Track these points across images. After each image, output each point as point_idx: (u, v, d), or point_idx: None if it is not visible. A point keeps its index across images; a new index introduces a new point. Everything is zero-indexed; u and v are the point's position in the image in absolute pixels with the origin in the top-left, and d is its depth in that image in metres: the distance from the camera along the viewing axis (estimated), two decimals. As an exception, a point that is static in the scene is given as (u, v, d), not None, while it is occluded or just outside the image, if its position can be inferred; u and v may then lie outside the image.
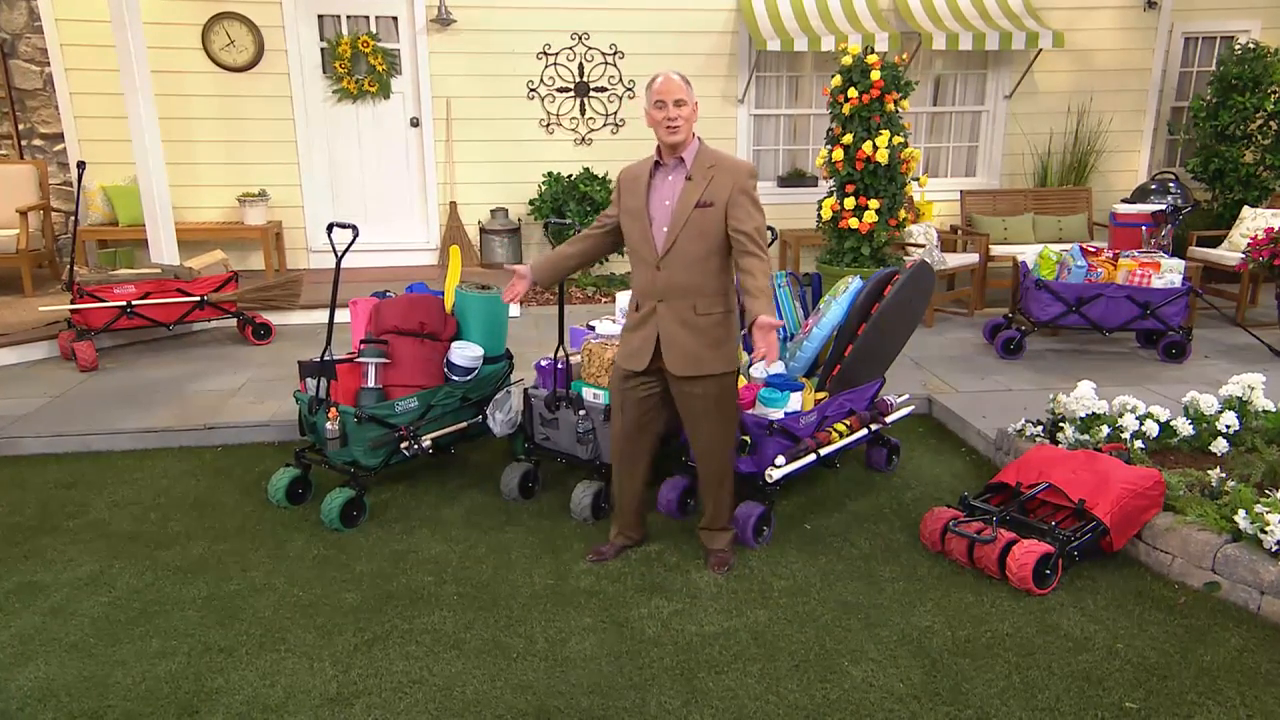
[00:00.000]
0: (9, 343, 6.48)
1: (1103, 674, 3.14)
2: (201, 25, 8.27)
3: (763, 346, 3.21)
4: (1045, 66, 9.20)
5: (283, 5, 8.32)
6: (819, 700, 2.99)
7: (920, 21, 8.54)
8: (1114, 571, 3.78)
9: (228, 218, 8.56)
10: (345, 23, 8.51)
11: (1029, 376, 6.10)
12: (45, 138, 9.03)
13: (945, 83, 9.48)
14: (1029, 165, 9.50)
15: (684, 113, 3.42)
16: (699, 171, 3.47)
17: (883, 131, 6.64)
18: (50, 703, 2.99)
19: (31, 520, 4.31)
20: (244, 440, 5.19)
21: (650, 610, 3.50)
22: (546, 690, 3.03)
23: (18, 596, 3.64)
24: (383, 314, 4.35)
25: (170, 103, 8.13)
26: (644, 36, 8.75)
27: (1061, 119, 9.40)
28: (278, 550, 3.98)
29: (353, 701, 2.98)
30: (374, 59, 8.48)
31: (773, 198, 9.27)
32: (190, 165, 8.39)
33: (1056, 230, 8.61)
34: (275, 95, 8.46)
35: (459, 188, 8.89)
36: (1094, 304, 6.26)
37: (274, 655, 3.23)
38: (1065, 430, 4.55)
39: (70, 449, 5.12)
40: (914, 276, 4.38)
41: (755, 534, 3.99)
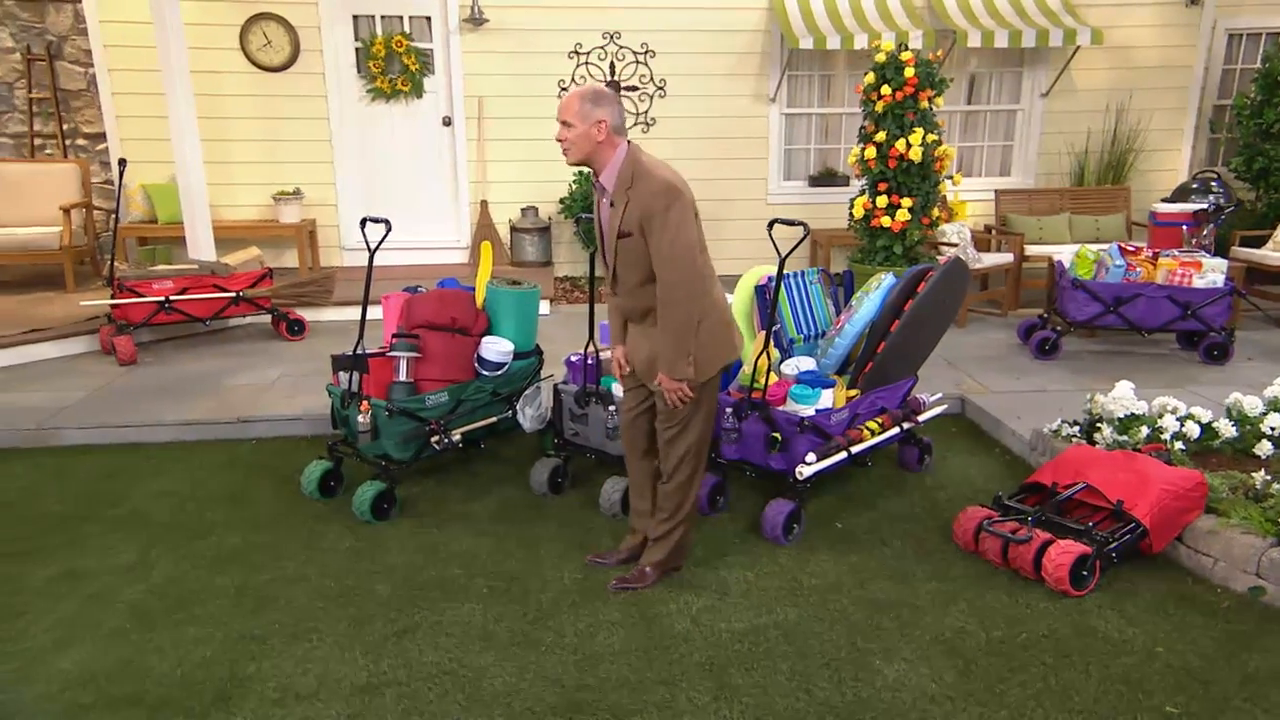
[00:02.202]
0: (52, 337, 6.58)
1: (1142, 677, 3.07)
2: (240, 26, 8.35)
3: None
4: (1083, 64, 9.06)
5: (319, 6, 8.39)
6: (850, 699, 2.96)
7: (955, 19, 8.45)
8: (1153, 574, 3.70)
9: (263, 215, 8.64)
10: (379, 23, 8.56)
11: (1065, 377, 6.00)
12: (88, 137, 9.18)
13: (980, 81, 9.36)
14: (1066, 165, 9.36)
15: (570, 136, 3.18)
16: (619, 195, 3.24)
17: (916, 129, 6.57)
18: (90, 686, 3.03)
19: (74, 509, 4.37)
20: (278, 434, 5.23)
21: (679, 606, 3.47)
22: (575, 684, 3.02)
23: (60, 583, 3.69)
24: (414, 309, 4.37)
25: (208, 102, 8.22)
26: (676, 35, 8.72)
27: (1099, 117, 9.24)
28: (310, 541, 4.00)
29: (383, 691, 2.98)
30: (407, 59, 8.52)
31: (803, 197, 9.23)
32: (227, 164, 8.48)
33: (1094, 230, 8.48)
34: (310, 95, 8.53)
35: (490, 186, 8.92)
36: (1133, 304, 6.15)
37: (306, 644, 3.25)
38: (1103, 431, 4.47)
39: (110, 440, 5.19)
40: (948, 273, 4.32)
41: (785, 532, 3.95)
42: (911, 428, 4.58)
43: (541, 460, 4.46)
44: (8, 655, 3.20)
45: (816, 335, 4.68)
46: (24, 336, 6.49)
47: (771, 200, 9.19)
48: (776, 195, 9.22)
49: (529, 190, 8.89)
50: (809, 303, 4.71)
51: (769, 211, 8.96)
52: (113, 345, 6.36)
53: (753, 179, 9.15)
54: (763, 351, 4.08)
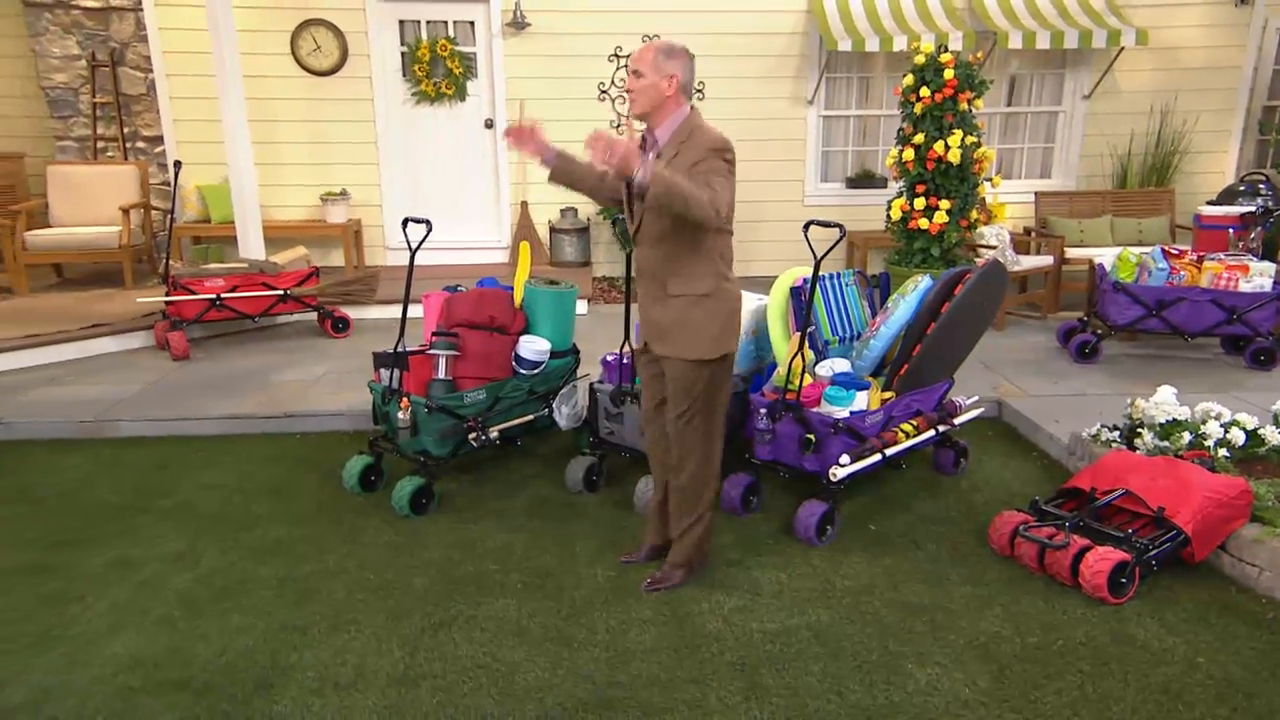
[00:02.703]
0: (110, 332, 6.70)
1: (1182, 688, 2.98)
2: (290, 32, 8.45)
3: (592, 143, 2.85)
4: (1127, 65, 8.85)
5: (366, 11, 8.46)
6: (882, 702, 2.90)
7: (996, 20, 8.29)
8: (1195, 583, 3.59)
9: (311, 216, 8.74)
10: (425, 28, 8.61)
11: (1104, 381, 5.86)
12: (147, 140, 9.35)
13: (1021, 83, 9.18)
14: (1108, 166, 9.14)
15: (639, 85, 3.16)
16: (669, 148, 3.19)
17: (955, 131, 6.46)
18: (139, 671, 3.07)
19: (127, 499, 4.44)
20: (322, 428, 5.28)
21: (711, 605, 3.44)
22: (606, 681, 3.00)
23: (113, 570, 3.75)
24: (454, 308, 4.38)
25: (260, 106, 8.33)
26: (714, 38, 8.65)
27: (1144, 119, 9.02)
28: (351, 535, 4.02)
29: (419, 683, 2.99)
30: (451, 62, 8.57)
31: (841, 199, 9.13)
32: (277, 165, 8.58)
33: (1136, 233, 8.28)
34: (357, 98, 8.60)
35: (530, 187, 8.92)
36: (1176, 308, 5.98)
37: (345, 635, 3.26)
38: (1144, 436, 4.35)
39: (163, 432, 5.27)
40: (985, 276, 4.24)
41: (819, 533, 3.90)
42: (947, 430, 4.50)
43: (577, 458, 4.45)
44: (63, 639, 3.26)
45: (852, 337, 4.62)
46: (84, 331, 6.62)
47: (809, 202, 9.10)
48: (814, 197, 9.13)
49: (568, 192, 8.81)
50: (844, 304, 4.64)
51: (806, 213, 8.84)
52: (167, 341, 6.46)
53: (790, 180, 9.07)
54: (797, 353, 4.04)
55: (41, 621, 3.37)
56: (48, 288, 8.09)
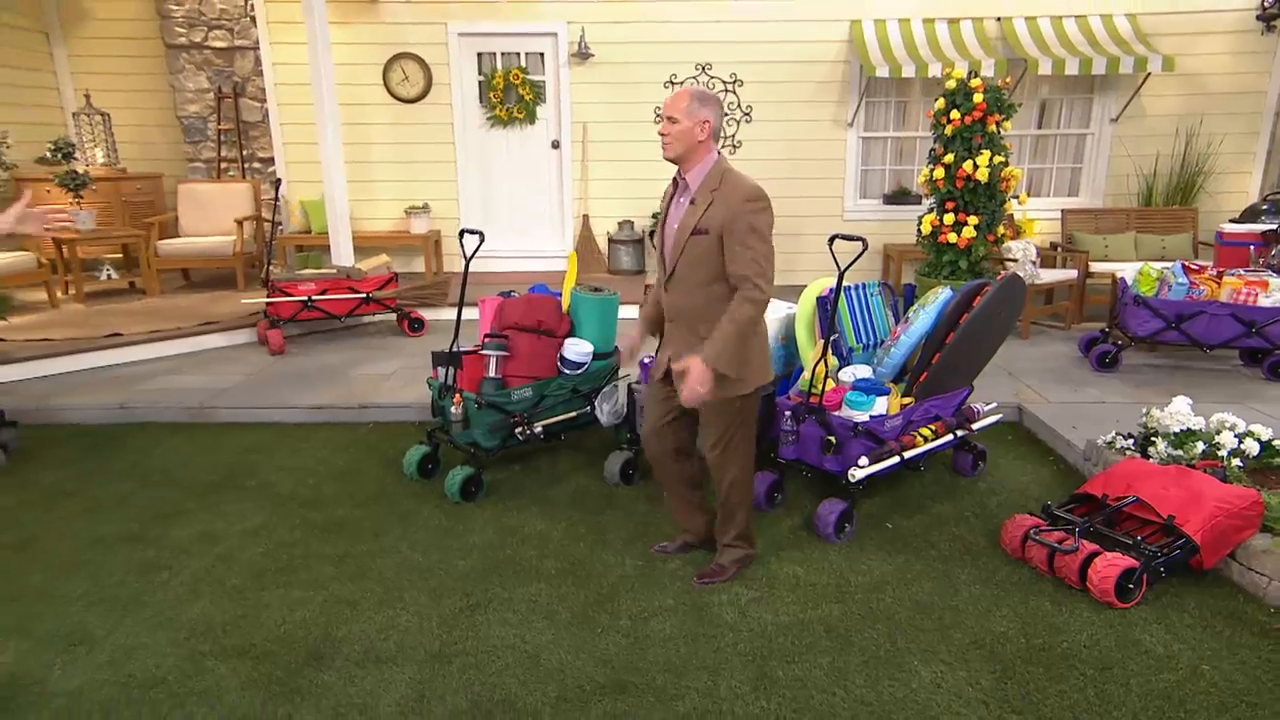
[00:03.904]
0: (220, 329, 6.79)
1: (1185, 695, 2.72)
2: (382, 64, 8.49)
3: (681, 387, 2.91)
4: (1154, 90, 8.37)
5: (449, 45, 8.45)
6: (885, 697, 2.71)
7: (1027, 48, 7.90)
8: (1203, 590, 3.30)
9: (397, 227, 8.77)
10: (500, 59, 8.57)
11: (1123, 390, 5.51)
12: (261, 161, 9.53)
13: (1051, 107, 8.75)
14: (1134, 186, 8.66)
15: (674, 130, 2.93)
16: (702, 195, 2.96)
17: (984, 151, 6.16)
18: (209, 636, 3.05)
19: (218, 478, 4.46)
20: (391, 419, 5.24)
21: (730, 597, 3.28)
22: (625, 665, 2.86)
23: (197, 542, 3.75)
24: (505, 312, 4.28)
25: (355, 130, 8.40)
26: (762, 66, 8.45)
27: (1169, 141, 8.52)
28: (406, 518, 3.96)
29: (451, 660, 2.90)
30: (523, 90, 8.51)
31: (878, 214, 8.82)
32: (368, 182, 8.64)
33: (1160, 249, 7.82)
34: (439, 122, 8.60)
35: (591, 202, 8.83)
36: (1195, 321, 5.60)
37: (390, 611, 3.19)
38: (1157, 445, 4.04)
39: (256, 419, 5.30)
40: (1004, 289, 3.98)
41: (837, 530, 3.70)
42: (965, 435, 4.25)
43: (615, 453, 4.32)
44: (149, 604, 3.26)
45: (875, 345, 4.40)
46: (199, 328, 6.72)
47: (848, 217, 8.82)
48: (852, 212, 8.85)
49: (625, 206, 8.77)
50: (869, 313, 4.42)
51: (844, 227, 8.62)
52: (266, 337, 6.52)
53: (830, 197, 8.80)
54: (820, 359, 3.85)
55: (133, 587, 3.38)
56: (176, 289, 8.28)
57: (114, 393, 5.53)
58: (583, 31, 8.36)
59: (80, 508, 4.09)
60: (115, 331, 6.43)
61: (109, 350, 6.25)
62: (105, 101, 9.13)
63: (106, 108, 9.00)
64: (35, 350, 6.02)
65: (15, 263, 7.26)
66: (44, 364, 5.97)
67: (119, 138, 9.30)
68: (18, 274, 7.24)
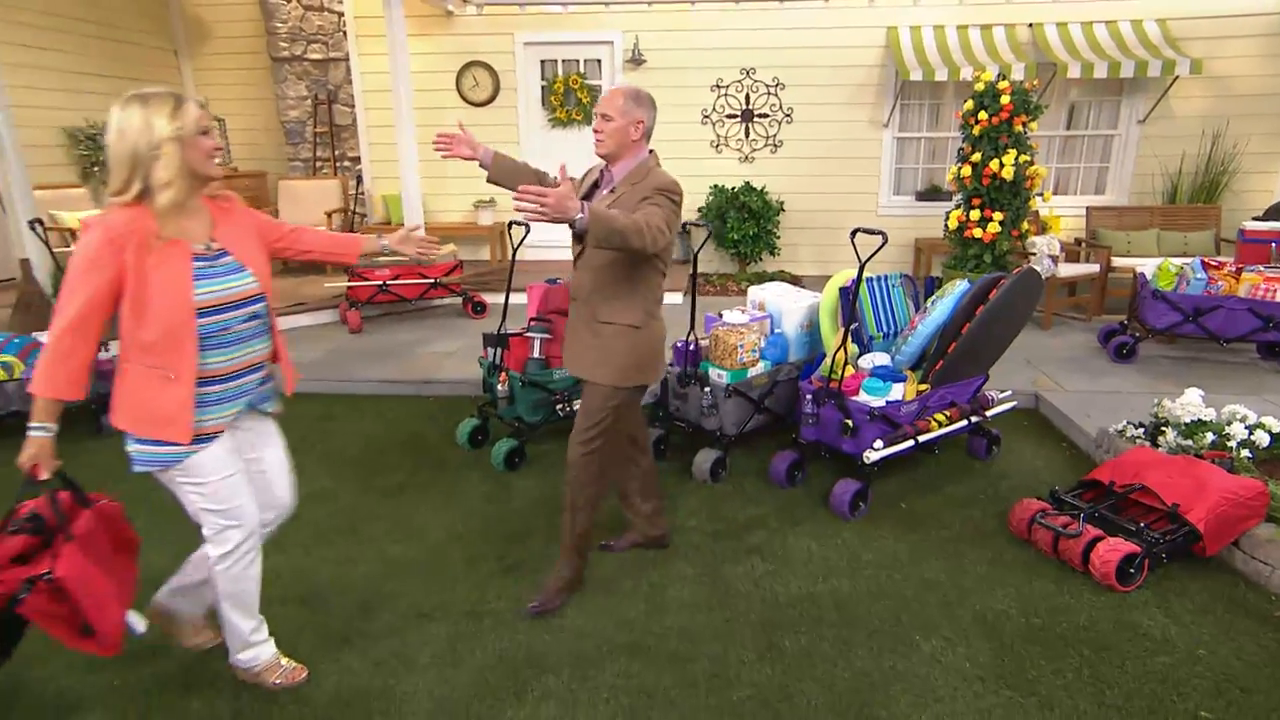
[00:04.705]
0: (308, 309, 6.89)
1: (1180, 678, 2.53)
2: (456, 72, 8.48)
3: (521, 199, 2.24)
4: (1182, 93, 7.84)
5: (515, 54, 8.38)
6: (885, 669, 2.58)
7: (1057, 52, 7.47)
8: (1205, 576, 3.08)
9: (466, 219, 8.77)
10: (561, 65, 8.47)
11: (1139, 380, 5.19)
12: (351, 160, 9.61)
13: (1079, 109, 8.27)
14: (1159, 185, 8.15)
15: (607, 128, 2.67)
16: (623, 186, 2.70)
17: (1010, 150, 5.84)
18: (275, 585, 3.03)
19: (294, 444, 4.43)
20: (449, 393, 5.23)
21: (746, 569, 3.17)
22: (643, 629, 2.79)
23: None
24: (550, 298, 4.22)
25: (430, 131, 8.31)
26: (802, 70, 8.18)
27: (1195, 142, 7.98)
28: (455, 485, 3.94)
29: (483, 618, 2.86)
30: (581, 93, 8.40)
31: (910, 210, 8.49)
32: (442, 178, 8.65)
33: (1182, 245, 7.35)
34: (505, 124, 8.55)
35: (643, 198, 8.69)
36: (1212, 315, 5.23)
37: (433, 572, 3.17)
38: (1167, 434, 3.78)
39: (333, 390, 5.34)
40: (1019, 283, 3.75)
41: (851, 508, 3.56)
42: (979, 422, 4.04)
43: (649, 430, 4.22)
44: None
45: (895, 334, 4.21)
46: (290, 308, 6.83)
47: (881, 213, 8.51)
48: (886, 208, 8.54)
49: (674, 201, 8.60)
50: (890, 303, 4.23)
51: (878, 222, 8.33)
52: (346, 317, 6.59)
53: (865, 193, 8.50)
54: (840, 346, 3.69)
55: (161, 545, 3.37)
56: (276, 274, 8.40)
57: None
58: (636, 39, 8.20)
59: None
60: (219, 310, 6.57)
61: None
62: (221, 108, 9.34)
63: (222, 114, 9.21)
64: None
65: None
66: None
67: (232, 140, 9.52)
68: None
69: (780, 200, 8.32)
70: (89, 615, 2.11)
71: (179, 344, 2.09)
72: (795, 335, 4.19)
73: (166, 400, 2.12)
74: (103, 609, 2.14)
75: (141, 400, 2.13)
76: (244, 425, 2.38)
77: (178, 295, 2.07)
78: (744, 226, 8.07)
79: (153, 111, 2.05)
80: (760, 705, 2.42)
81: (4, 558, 2.09)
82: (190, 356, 2.11)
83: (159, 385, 2.11)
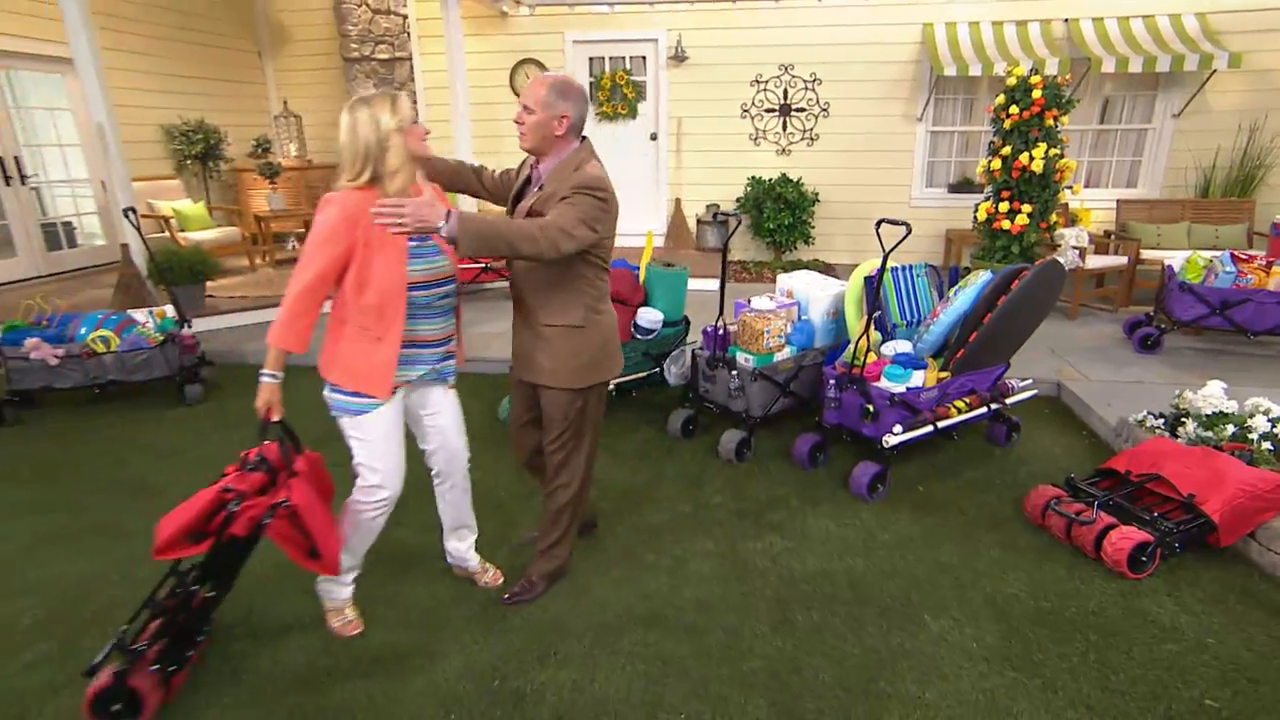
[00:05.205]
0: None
1: (1186, 665, 2.42)
2: (509, 69, 8.45)
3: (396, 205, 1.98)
4: (1219, 87, 7.39)
5: (565, 51, 8.32)
6: (893, 646, 2.52)
7: (1092, 47, 7.10)
8: (1220, 567, 2.93)
9: (519, 208, 8.78)
10: (607, 62, 8.38)
11: (1163, 371, 4.94)
12: (413, 152, 9.69)
13: (1113, 103, 7.87)
14: (1192, 178, 7.73)
15: (529, 121, 2.35)
16: (550, 184, 2.37)
17: (1040, 144, 5.58)
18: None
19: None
20: (494, 371, 5.24)
21: (764, 545, 3.12)
22: (662, 600, 2.76)
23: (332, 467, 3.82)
24: (588, 285, 4.18)
25: (485, 125, 8.40)
26: (839, 66, 7.94)
27: (1231, 136, 7.52)
28: (496, 457, 3.94)
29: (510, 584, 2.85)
30: (627, 89, 8.30)
31: (942, 201, 8.22)
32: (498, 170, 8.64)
33: (1213, 238, 6.96)
34: (556, 119, 8.51)
35: (683, 188, 8.59)
36: (1241, 308, 4.95)
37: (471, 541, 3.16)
38: (1187, 425, 3.59)
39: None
40: (1041, 274, 3.58)
41: (870, 490, 3.47)
42: (999, 409, 3.90)
43: (678, 409, 4.19)
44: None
45: (918, 322, 4.07)
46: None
47: (914, 204, 8.26)
48: (918, 200, 8.28)
49: (713, 191, 8.49)
50: (914, 293, 4.09)
51: (910, 214, 8.08)
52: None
53: (898, 185, 8.25)
54: (863, 333, 3.58)
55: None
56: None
57: (285, 341, 5.78)
58: (680, 37, 8.06)
59: (248, 435, 4.28)
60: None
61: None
62: (298, 105, 9.48)
63: (299, 111, 9.35)
64: (233, 305, 6.36)
65: (224, 236, 7.67)
66: (239, 316, 6.29)
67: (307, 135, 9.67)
68: (226, 245, 7.65)
69: (815, 191, 8.13)
70: (316, 539, 2.31)
71: (391, 312, 2.24)
72: (821, 322, 4.09)
73: (374, 359, 2.27)
74: (326, 535, 2.33)
75: (353, 357, 2.29)
76: (429, 392, 2.53)
77: (395, 270, 2.22)
78: (779, 216, 7.91)
79: (376, 109, 2.20)
80: (770, 676, 2.38)
81: (252, 488, 2.28)
82: (398, 324, 2.26)
83: (369, 345, 2.27)
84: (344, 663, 2.47)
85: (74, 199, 7.81)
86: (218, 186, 8.93)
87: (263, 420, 2.28)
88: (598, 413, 2.65)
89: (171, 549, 2.20)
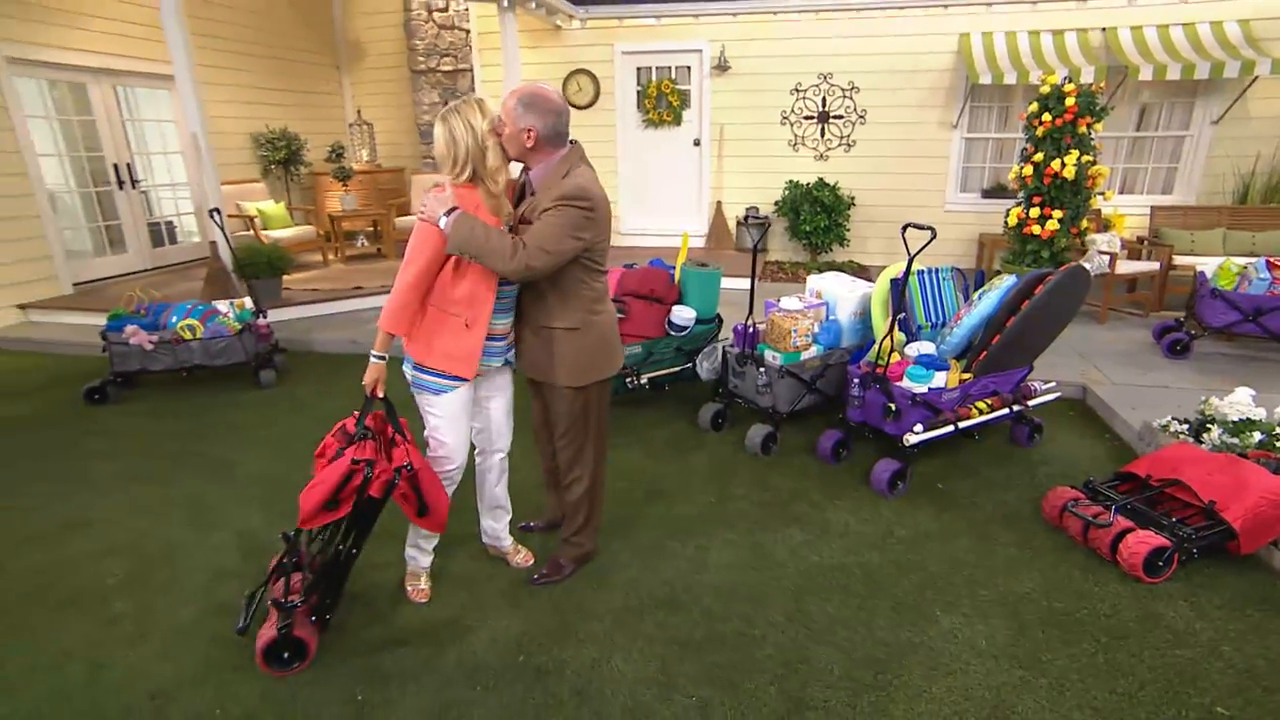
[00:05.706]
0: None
1: (1198, 673, 2.28)
2: (562, 79, 8.45)
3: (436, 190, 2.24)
4: (1261, 93, 6.92)
5: (614, 63, 8.27)
6: (903, 640, 2.44)
7: (1129, 55, 6.72)
8: (1239, 575, 2.75)
9: (569, 210, 8.79)
10: (654, 72, 8.29)
11: (1191, 377, 4.67)
12: (473, 156, 9.78)
13: (1150, 110, 7.44)
14: (1230, 185, 7.27)
15: (505, 134, 2.30)
16: (540, 191, 2.32)
17: (1072, 151, 5.32)
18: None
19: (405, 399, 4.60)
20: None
21: (784, 537, 3.05)
22: (682, 586, 2.73)
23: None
24: (625, 281, 4.16)
25: (539, 132, 8.42)
26: (877, 75, 7.71)
27: (1272, 143, 7.05)
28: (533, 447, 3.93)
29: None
30: (672, 97, 8.21)
31: (975, 206, 7.92)
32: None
33: (1250, 245, 6.53)
34: (604, 125, 8.48)
35: (725, 191, 8.46)
36: (1273, 315, 4.64)
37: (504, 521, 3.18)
38: (1211, 432, 3.39)
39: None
40: (1065, 279, 3.42)
41: (890, 486, 3.37)
42: (1020, 411, 3.74)
43: (709, 404, 4.13)
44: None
45: (942, 324, 3.92)
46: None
47: (948, 209, 7.98)
48: (953, 205, 8.00)
49: (753, 194, 8.35)
50: (940, 295, 3.95)
51: (945, 218, 7.82)
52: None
53: (932, 190, 7.98)
54: (888, 334, 3.47)
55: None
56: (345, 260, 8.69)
57: (351, 331, 5.91)
58: (723, 48, 7.93)
59: (313, 418, 4.39)
60: (358, 285, 6.86)
61: (354, 299, 6.66)
62: (370, 114, 9.68)
63: (371, 119, 9.54)
64: (305, 297, 6.52)
65: (302, 234, 7.88)
66: (311, 308, 6.45)
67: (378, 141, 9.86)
68: (302, 241, 7.86)
69: (851, 195, 7.93)
70: (428, 498, 2.40)
71: (481, 302, 2.32)
72: (848, 322, 3.98)
73: (463, 343, 2.35)
74: (436, 494, 2.43)
75: (444, 340, 2.35)
76: (495, 377, 2.60)
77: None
78: (816, 219, 7.75)
79: (469, 115, 2.25)
80: (780, 664, 2.34)
81: (375, 455, 2.33)
82: (487, 313, 2.34)
83: (458, 330, 2.34)
84: (392, 632, 2.51)
85: (175, 200, 8.15)
86: (298, 189, 9.18)
87: (369, 395, 2.36)
88: (602, 408, 2.61)
89: (314, 519, 2.27)
